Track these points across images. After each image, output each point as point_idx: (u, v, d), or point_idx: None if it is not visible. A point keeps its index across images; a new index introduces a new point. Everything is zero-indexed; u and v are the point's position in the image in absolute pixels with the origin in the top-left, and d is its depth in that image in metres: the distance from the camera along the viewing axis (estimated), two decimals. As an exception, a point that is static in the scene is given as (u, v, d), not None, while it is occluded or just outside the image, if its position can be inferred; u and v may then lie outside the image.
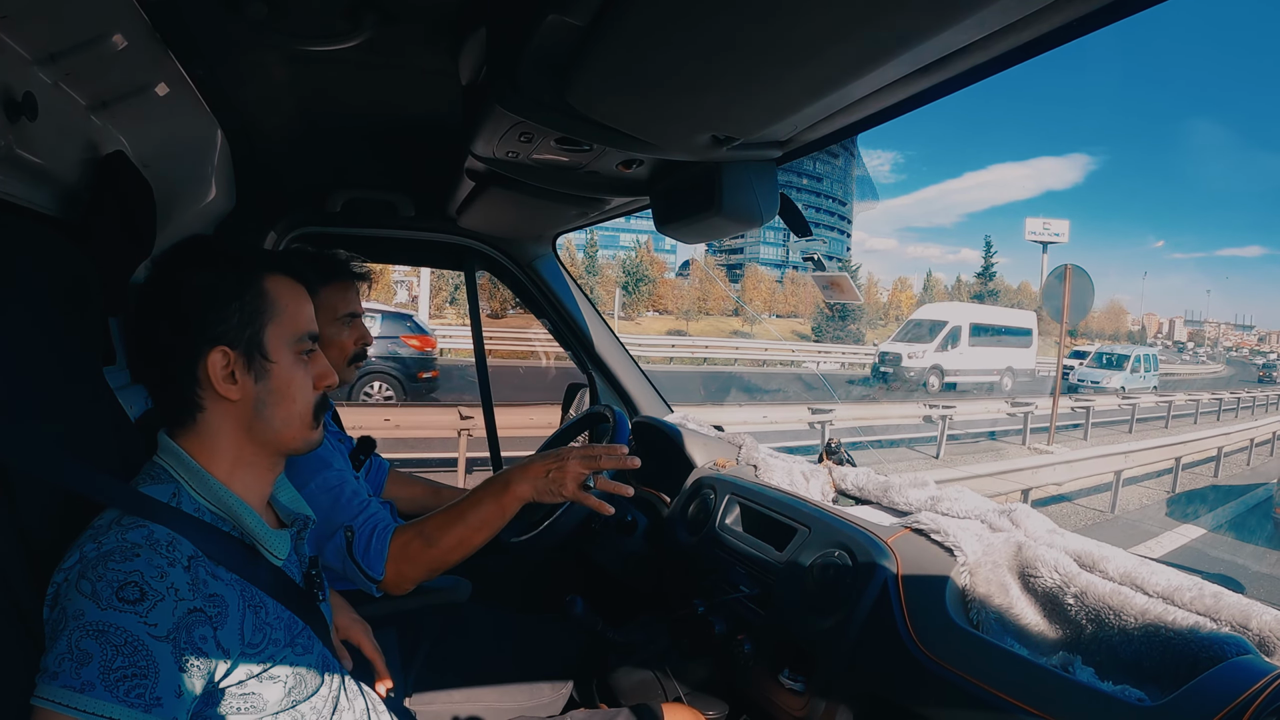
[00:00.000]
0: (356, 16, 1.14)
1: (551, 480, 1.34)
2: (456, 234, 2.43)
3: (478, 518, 1.35)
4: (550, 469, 1.35)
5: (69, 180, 1.28)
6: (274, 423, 1.00)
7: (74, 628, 0.79)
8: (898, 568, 1.36)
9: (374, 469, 1.97)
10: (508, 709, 1.69)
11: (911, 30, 0.76)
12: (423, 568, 1.37)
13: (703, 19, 0.79)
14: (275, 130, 1.73)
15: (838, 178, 64.25)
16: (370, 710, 1.13)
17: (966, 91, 0.98)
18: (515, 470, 1.37)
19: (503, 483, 1.36)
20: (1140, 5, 0.75)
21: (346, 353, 1.69)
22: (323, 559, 1.36)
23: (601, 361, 2.61)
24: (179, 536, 0.87)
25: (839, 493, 1.87)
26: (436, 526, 1.36)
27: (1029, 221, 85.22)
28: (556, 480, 1.34)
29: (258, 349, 0.98)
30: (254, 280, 1.00)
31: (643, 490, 2.29)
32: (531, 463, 1.37)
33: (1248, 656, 0.98)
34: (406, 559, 1.36)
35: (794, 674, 1.44)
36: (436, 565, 1.37)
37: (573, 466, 1.34)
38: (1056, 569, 1.21)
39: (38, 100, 1.07)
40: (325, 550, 1.37)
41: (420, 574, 1.38)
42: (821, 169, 61.79)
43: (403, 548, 1.36)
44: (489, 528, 1.36)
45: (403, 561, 1.36)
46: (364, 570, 1.35)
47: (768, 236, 59.83)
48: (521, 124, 1.23)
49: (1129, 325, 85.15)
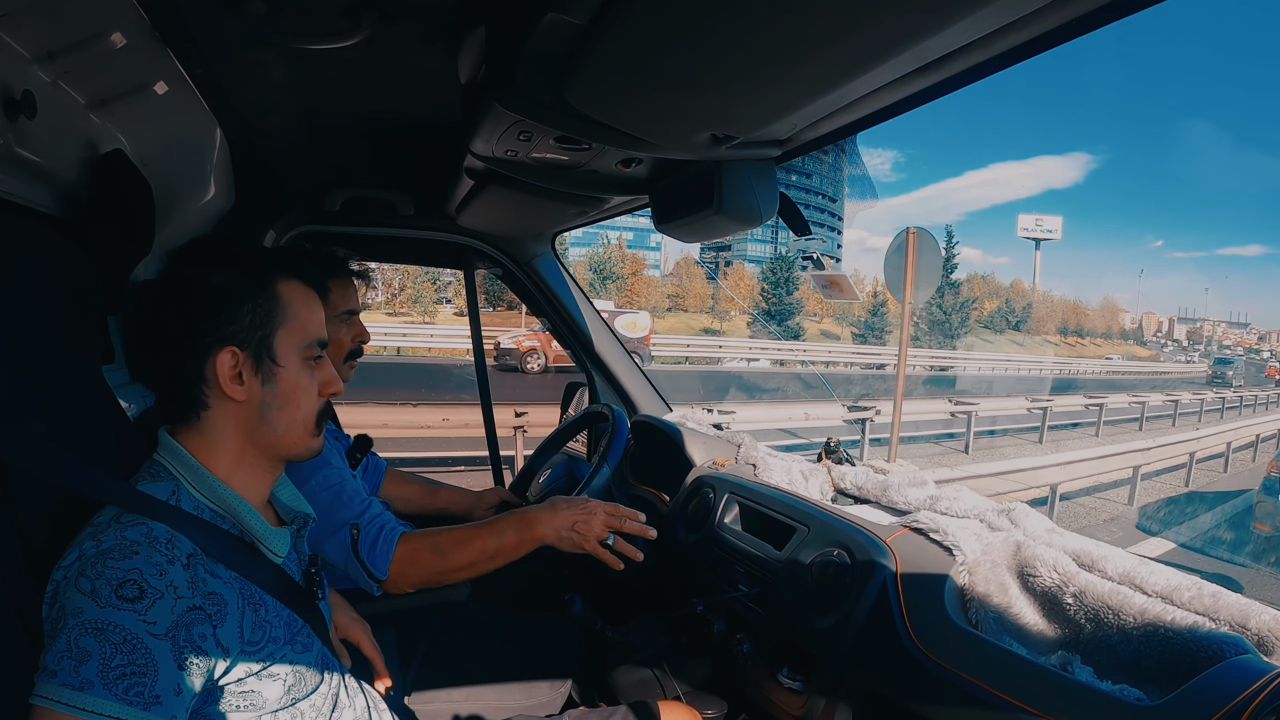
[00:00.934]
0: (356, 15, 1.14)
1: (575, 532, 1.40)
2: (455, 232, 2.43)
3: (495, 547, 1.39)
4: (577, 521, 1.40)
5: (68, 179, 1.28)
6: (277, 427, 1.00)
7: (73, 625, 0.79)
8: (897, 567, 1.36)
9: (370, 467, 1.97)
10: (506, 708, 1.69)
11: (910, 29, 0.76)
12: (427, 575, 1.40)
13: (702, 18, 0.79)
14: (274, 129, 1.73)
15: (827, 174, 63.93)
16: (370, 708, 1.13)
17: (967, 90, 0.98)
18: (544, 513, 1.42)
19: (527, 522, 1.41)
20: (1138, 5, 0.75)
21: (344, 350, 1.70)
22: (324, 555, 1.36)
23: (601, 360, 2.61)
24: (178, 534, 0.87)
25: (838, 492, 1.87)
26: (453, 543, 1.39)
27: (1021, 217, 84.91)
28: (581, 534, 1.40)
29: (267, 352, 0.99)
30: (268, 283, 1.00)
31: (642, 488, 2.29)
32: (557, 509, 1.42)
33: (1246, 656, 0.98)
34: (414, 564, 1.38)
35: (793, 673, 1.44)
36: (442, 578, 1.40)
37: (598, 523, 1.41)
38: (1055, 568, 1.21)
39: (36, 99, 1.07)
40: (327, 546, 1.37)
41: (422, 580, 1.40)
42: (811, 166, 61.53)
43: (412, 553, 1.38)
44: (503, 558, 1.40)
45: (409, 565, 1.38)
46: (368, 569, 1.36)
47: (756, 233, 59.60)
48: (520, 123, 1.23)
49: (1126, 324, 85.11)
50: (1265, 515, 9.28)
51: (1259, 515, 9.50)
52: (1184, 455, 12.66)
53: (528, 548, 1.41)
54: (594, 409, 2.18)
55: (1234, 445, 15.02)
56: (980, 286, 70.11)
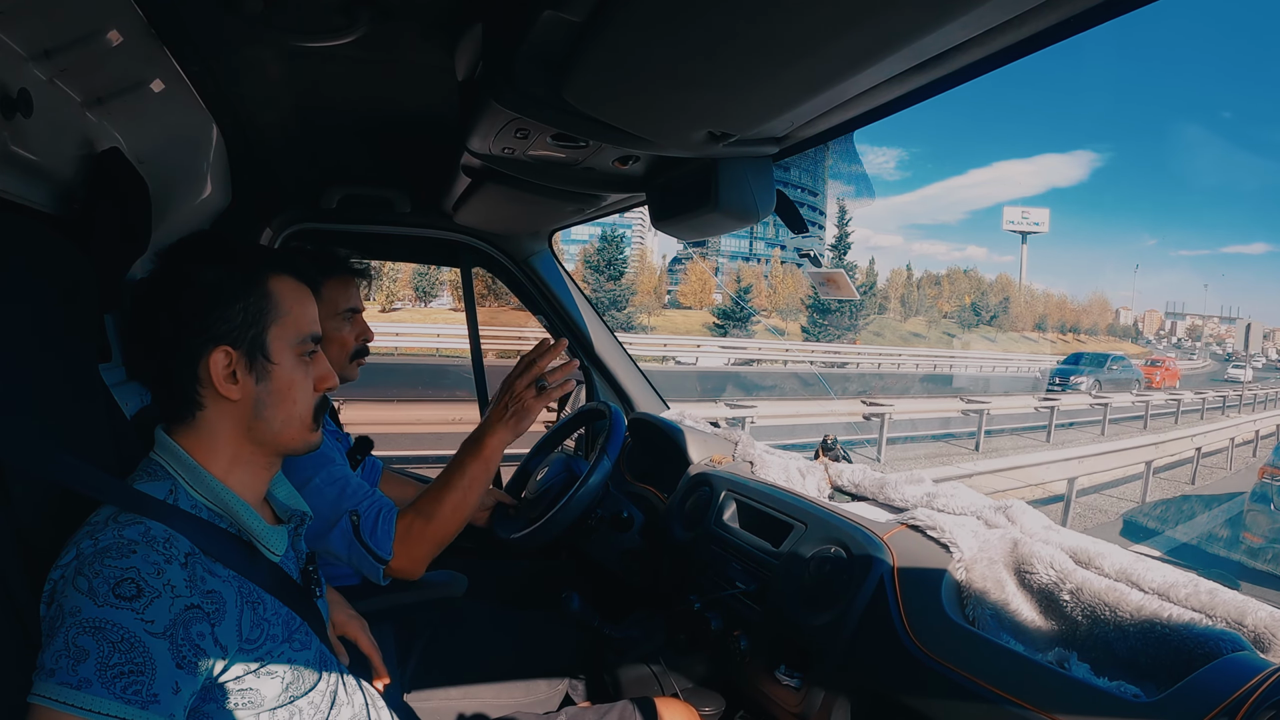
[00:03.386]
0: (352, 12, 1.14)
1: (514, 412, 1.43)
2: (452, 230, 2.43)
3: (465, 479, 1.41)
4: (507, 404, 1.44)
5: (64, 177, 1.28)
6: (273, 424, 1.00)
7: (70, 624, 0.78)
8: (894, 564, 1.37)
9: (368, 468, 1.97)
10: (504, 705, 1.70)
11: (907, 27, 0.76)
12: (428, 544, 1.40)
13: (699, 15, 0.79)
14: (271, 126, 1.72)
15: (807, 167, 63.71)
16: (369, 705, 1.13)
17: (971, 88, 0.98)
18: (483, 425, 1.44)
19: (478, 439, 1.43)
20: (1133, 4, 0.75)
21: (348, 349, 1.69)
22: (328, 548, 1.37)
23: (598, 358, 2.61)
24: (176, 533, 0.87)
25: (835, 489, 1.88)
26: (429, 501, 1.41)
27: (1007, 210, 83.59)
28: (518, 410, 1.43)
29: (260, 350, 0.98)
30: (259, 280, 0.99)
31: (639, 486, 2.30)
32: (490, 412, 1.45)
33: (1243, 653, 0.98)
34: (411, 539, 1.39)
35: (790, 670, 1.45)
36: (441, 537, 1.41)
37: (520, 387, 1.44)
38: (1052, 565, 1.21)
39: (33, 97, 1.07)
40: (331, 537, 1.37)
41: (427, 551, 1.41)
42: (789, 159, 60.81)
43: (406, 530, 1.39)
44: (479, 483, 1.42)
45: (408, 542, 1.39)
46: (373, 551, 1.36)
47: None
48: (517, 120, 1.23)
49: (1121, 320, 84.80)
50: (1255, 525, 8.74)
51: (1249, 525, 8.89)
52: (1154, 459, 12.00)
53: (495, 459, 1.44)
54: (590, 406, 2.18)
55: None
56: (962, 281, 70.02)
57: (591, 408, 2.15)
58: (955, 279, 69.95)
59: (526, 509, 2.00)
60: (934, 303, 66.44)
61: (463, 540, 2.35)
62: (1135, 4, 0.76)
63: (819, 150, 1.34)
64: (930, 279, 69.59)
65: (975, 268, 76.40)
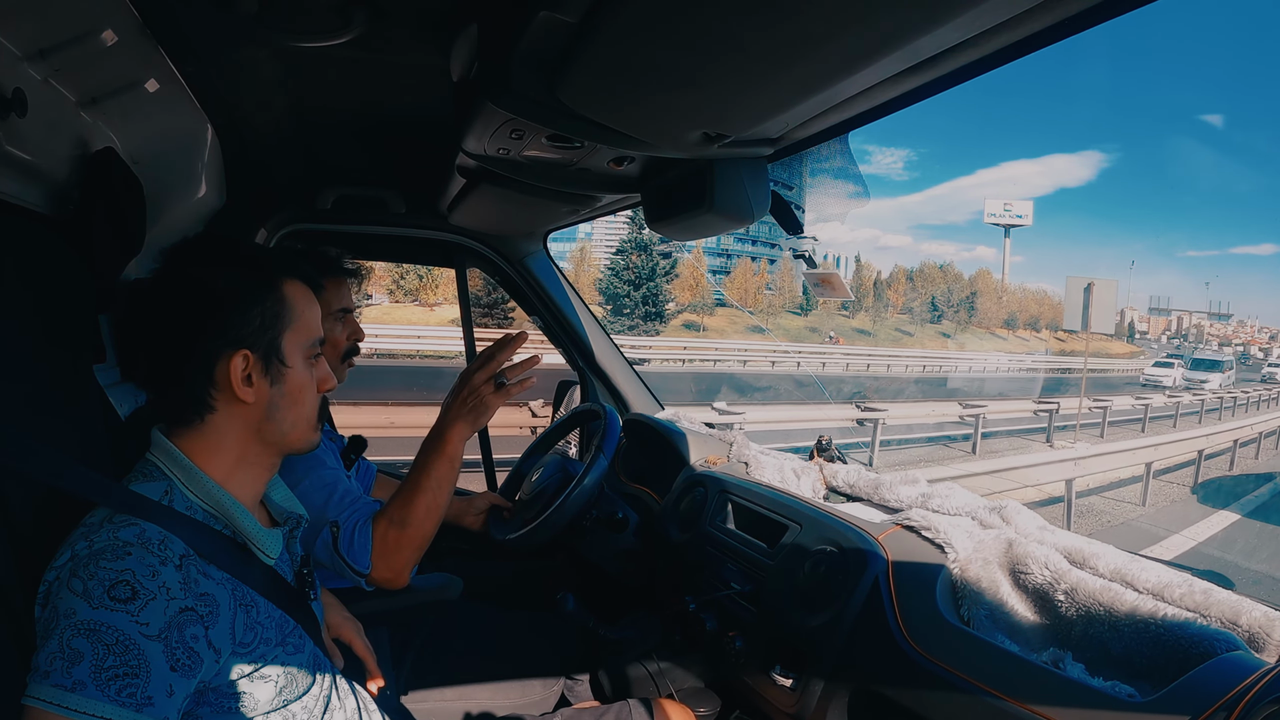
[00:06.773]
0: (347, 13, 1.14)
1: (472, 406, 1.40)
2: (447, 231, 2.43)
3: (432, 479, 1.38)
4: (465, 398, 1.40)
5: (59, 177, 1.27)
6: (283, 425, 1.01)
7: (65, 626, 0.78)
8: (889, 564, 1.37)
9: (362, 470, 1.96)
10: (499, 706, 1.70)
11: (902, 29, 0.77)
12: (406, 551, 1.38)
13: (694, 16, 0.79)
14: (266, 126, 1.72)
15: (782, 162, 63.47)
16: (361, 709, 1.13)
17: (979, 88, 1.00)
18: (441, 421, 1.41)
19: (438, 435, 1.40)
20: (1129, 5, 0.76)
21: (340, 349, 1.70)
22: (314, 555, 1.36)
23: (593, 359, 2.61)
24: (171, 535, 0.87)
25: (830, 490, 1.88)
26: (399, 507, 1.38)
27: (988, 203, 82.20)
28: (476, 405, 1.40)
29: (275, 354, 0.99)
30: (275, 285, 1.00)
31: (634, 487, 2.30)
32: (448, 407, 1.42)
33: (1237, 653, 0.99)
34: (389, 549, 1.37)
35: (786, 670, 1.45)
36: (419, 542, 1.39)
37: (478, 381, 1.41)
38: (1047, 565, 1.22)
39: (27, 96, 1.06)
40: (315, 546, 1.37)
41: (407, 557, 1.39)
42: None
43: (382, 540, 1.37)
44: (447, 482, 1.39)
45: (386, 553, 1.37)
46: (350, 565, 1.35)
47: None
48: (512, 121, 1.23)
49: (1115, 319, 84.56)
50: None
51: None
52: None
53: (458, 454, 1.41)
54: (585, 407, 2.18)
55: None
56: (937, 276, 69.83)
57: (586, 408, 2.15)
58: (930, 275, 69.88)
59: (521, 510, 2.00)
60: (891, 300, 66.50)
61: (458, 542, 2.35)
62: (1128, 6, 0.76)
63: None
64: (901, 274, 69.58)
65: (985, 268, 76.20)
